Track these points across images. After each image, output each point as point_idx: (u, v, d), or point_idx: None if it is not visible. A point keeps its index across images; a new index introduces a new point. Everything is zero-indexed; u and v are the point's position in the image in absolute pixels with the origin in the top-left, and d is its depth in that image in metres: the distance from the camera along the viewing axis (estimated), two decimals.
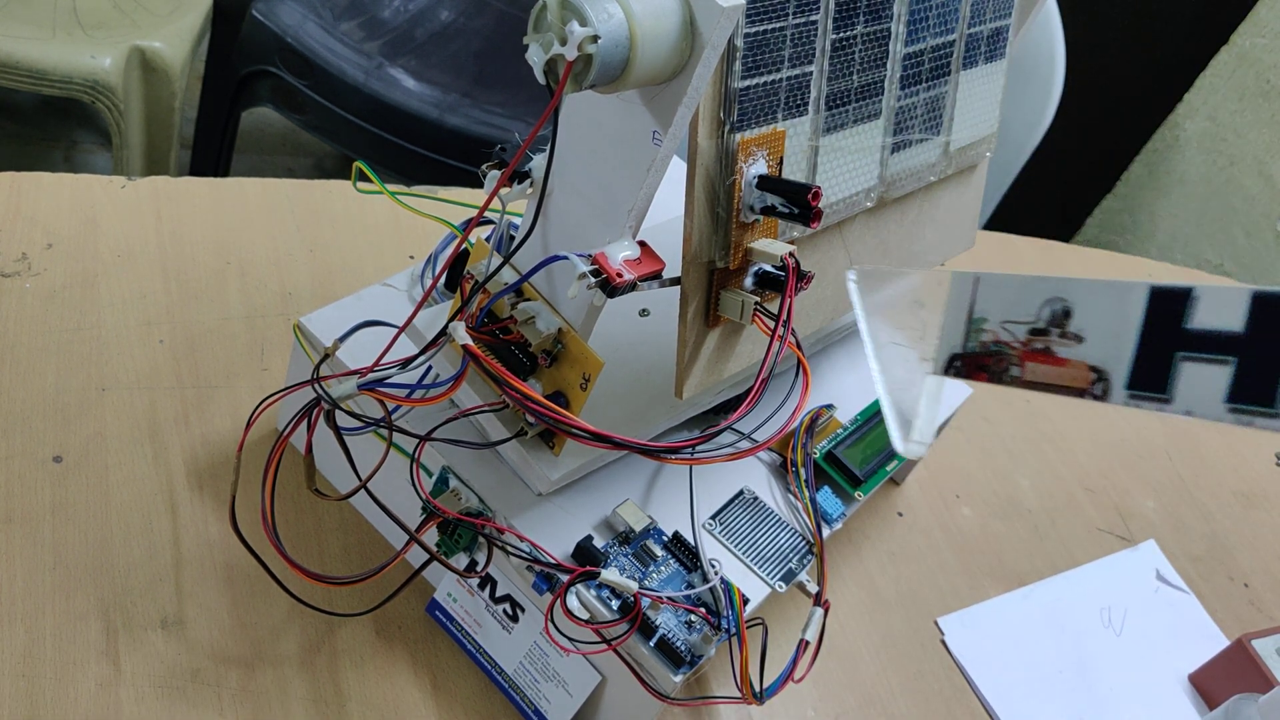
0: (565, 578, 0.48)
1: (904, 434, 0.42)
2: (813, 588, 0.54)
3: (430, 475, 0.52)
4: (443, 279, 0.55)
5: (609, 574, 0.48)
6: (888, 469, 0.61)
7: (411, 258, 0.74)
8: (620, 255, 0.42)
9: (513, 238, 0.50)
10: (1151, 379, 0.33)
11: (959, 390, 0.69)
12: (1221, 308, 0.31)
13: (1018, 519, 0.75)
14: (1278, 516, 0.85)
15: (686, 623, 0.49)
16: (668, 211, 0.50)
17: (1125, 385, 0.34)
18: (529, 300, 0.47)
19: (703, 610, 0.49)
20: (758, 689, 0.49)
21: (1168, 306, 0.33)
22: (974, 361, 0.39)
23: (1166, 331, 0.33)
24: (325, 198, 0.76)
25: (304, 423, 0.47)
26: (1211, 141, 1.69)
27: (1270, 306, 0.30)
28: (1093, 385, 0.35)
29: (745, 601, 0.50)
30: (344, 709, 0.50)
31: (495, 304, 0.47)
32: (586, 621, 0.47)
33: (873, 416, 0.63)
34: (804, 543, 0.55)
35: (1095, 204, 1.88)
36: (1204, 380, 0.32)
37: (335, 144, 1.42)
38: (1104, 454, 0.84)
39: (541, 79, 0.38)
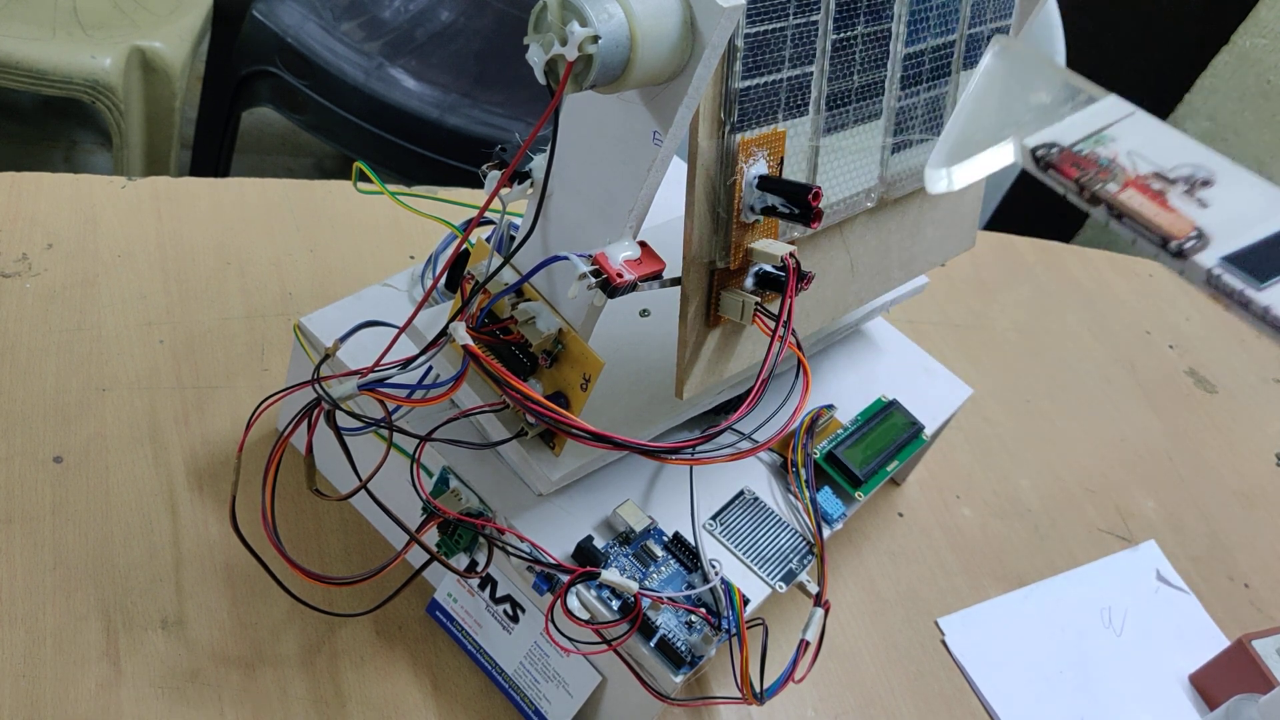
0: (565, 578, 0.48)
1: (945, 163, 0.39)
2: (813, 588, 0.54)
3: (430, 475, 0.52)
4: (443, 279, 0.55)
5: (609, 574, 0.48)
6: (888, 469, 0.61)
7: (412, 258, 0.74)
8: (620, 255, 0.42)
9: (513, 238, 0.50)
10: (1259, 265, 0.33)
11: (959, 390, 0.69)
12: None
13: (1018, 519, 0.75)
14: (1278, 516, 0.85)
15: (687, 623, 0.49)
16: (668, 211, 0.50)
17: (1224, 256, 0.33)
18: (529, 300, 0.47)
19: (703, 610, 0.49)
20: (758, 689, 0.49)
21: None
22: (1073, 158, 0.36)
23: None
24: (325, 198, 0.76)
25: (304, 423, 0.47)
26: (1211, 141, 1.69)
27: None
28: (1185, 239, 0.33)
29: (745, 602, 0.50)
30: (344, 709, 0.50)
31: (495, 304, 0.47)
32: (587, 622, 0.47)
33: (873, 417, 0.63)
34: (804, 543, 0.55)
35: None
36: None
37: (335, 144, 1.42)
38: (1104, 454, 0.84)
39: (542, 79, 0.38)
